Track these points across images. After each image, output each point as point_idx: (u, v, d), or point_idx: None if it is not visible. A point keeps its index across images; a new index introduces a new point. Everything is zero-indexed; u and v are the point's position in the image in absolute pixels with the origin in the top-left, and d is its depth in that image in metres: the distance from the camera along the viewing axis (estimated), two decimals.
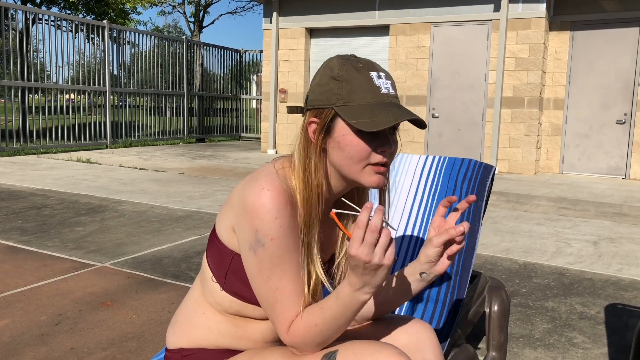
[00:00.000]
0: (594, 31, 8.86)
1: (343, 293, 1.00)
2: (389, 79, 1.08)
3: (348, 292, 0.99)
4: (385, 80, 1.07)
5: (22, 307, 2.69)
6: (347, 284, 0.99)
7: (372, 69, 1.06)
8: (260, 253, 1.03)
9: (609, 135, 8.91)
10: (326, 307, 1.02)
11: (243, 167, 8.83)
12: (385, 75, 1.07)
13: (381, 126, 1.00)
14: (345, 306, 1.00)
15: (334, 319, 1.02)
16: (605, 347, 2.46)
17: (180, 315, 1.24)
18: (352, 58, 1.08)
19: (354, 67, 1.05)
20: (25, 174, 7.27)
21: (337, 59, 1.08)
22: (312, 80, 1.11)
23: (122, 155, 10.05)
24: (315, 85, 1.08)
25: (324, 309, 1.02)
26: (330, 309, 1.02)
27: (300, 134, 1.10)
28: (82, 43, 10.94)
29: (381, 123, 1.01)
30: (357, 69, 1.05)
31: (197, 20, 25.94)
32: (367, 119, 1.02)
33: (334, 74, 1.06)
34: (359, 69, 1.05)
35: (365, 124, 1.01)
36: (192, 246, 3.93)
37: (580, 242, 4.37)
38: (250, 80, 15.92)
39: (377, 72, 1.06)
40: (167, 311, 2.71)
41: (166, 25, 40.71)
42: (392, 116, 1.02)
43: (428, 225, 1.79)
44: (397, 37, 9.77)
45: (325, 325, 1.02)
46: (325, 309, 1.02)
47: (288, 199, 1.05)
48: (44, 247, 3.78)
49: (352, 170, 1.07)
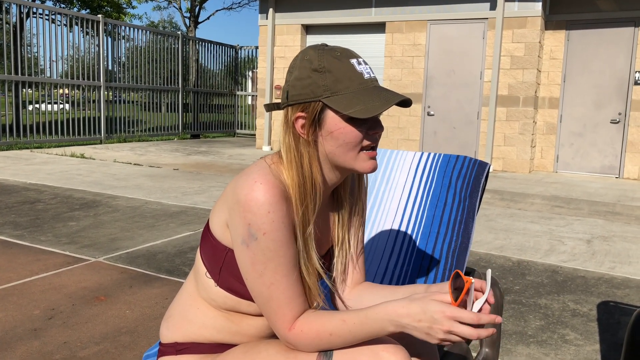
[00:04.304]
0: (589, 30, 8.88)
1: (378, 315, 0.99)
2: (367, 64, 1.09)
3: (384, 317, 0.98)
4: (365, 66, 1.07)
5: (15, 302, 2.68)
6: (393, 313, 0.98)
7: (351, 56, 1.06)
8: (253, 247, 1.03)
9: (603, 134, 8.94)
10: (348, 322, 1.01)
11: (238, 163, 8.81)
12: (363, 60, 1.08)
13: (377, 111, 1.01)
14: (370, 326, 1.00)
15: (352, 334, 1.01)
16: (597, 344, 2.47)
17: (175, 310, 1.23)
18: (327, 47, 1.07)
19: (334, 57, 1.05)
20: (19, 168, 7.24)
21: (313, 50, 1.07)
22: (289, 75, 1.09)
23: (116, 150, 10.02)
24: (295, 80, 1.06)
25: (346, 322, 1.01)
26: (353, 325, 1.01)
27: (285, 131, 1.09)
28: (76, 37, 10.88)
29: (376, 108, 1.01)
30: (337, 58, 1.05)
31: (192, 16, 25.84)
32: (360, 107, 1.02)
33: (315, 66, 1.04)
34: (338, 57, 1.05)
35: (360, 111, 1.01)
36: (187, 241, 3.92)
37: (573, 240, 4.39)
38: (246, 77, 15.89)
39: (356, 59, 1.06)
40: (160, 306, 2.71)
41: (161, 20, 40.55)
42: (384, 99, 1.02)
43: (422, 222, 1.79)
44: (393, 35, 9.76)
45: (340, 337, 1.02)
46: (347, 323, 1.01)
47: (281, 193, 1.04)
48: (37, 242, 3.76)
49: (347, 158, 1.07)
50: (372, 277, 1.75)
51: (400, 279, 1.72)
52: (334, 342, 1.03)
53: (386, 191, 1.92)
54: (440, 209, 1.79)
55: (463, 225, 1.73)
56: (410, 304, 0.97)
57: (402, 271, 1.73)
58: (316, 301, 1.12)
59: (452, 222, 1.75)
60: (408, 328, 0.97)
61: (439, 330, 0.94)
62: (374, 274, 1.76)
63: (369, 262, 1.78)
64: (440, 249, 1.72)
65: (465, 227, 1.74)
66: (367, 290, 1.26)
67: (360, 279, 1.29)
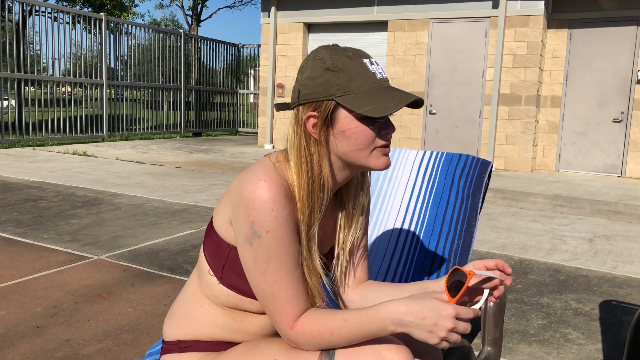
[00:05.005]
0: (591, 29, 8.86)
1: (379, 314, 0.99)
2: (378, 64, 1.09)
3: (386, 316, 0.98)
4: (377, 66, 1.08)
5: (17, 299, 2.69)
6: (395, 311, 0.98)
7: (363, 56, 1.07)
8: (256, 245, 1.03)
9: (606, 133, 8.93)
10: (349, 321, 1.01)
11: (240, 161, 8.82)
12: (375, 61, 1.09)
13: (391, 110, 1.01)
14: (372, 325, 1.00)
15: (354, 333, 1.01)
16: (599, 343, 2.47)
17: (178, 307, 1.23)
18: (339, 47, 1.07)
19: (346, 56, 1.05)
20: (21, 166, 7.25)
21: (325, 50, 1.07)
22: (300, 74, 1.09)
23: (118, 148, 10.02)
24: (307, 79, 1.06)
25: (347, 321, 1.01)
26: (354, 324, 1.01)
27: (295, 130, 1.08)
28: (79, 35, 10.88)
29: (390, 107, 1.01)
30: (350, 58, 1.05)
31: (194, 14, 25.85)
32: (374, 106, 1.02)
33: (328, 65, 1.04)
34: (351, 57, 1.05)
35: (374, 110, 1.01)
36: (189, 240, 3.93)
37: (575, 240, 4.39)
38: (248, 75, 15.89)
39: (368, 59, 1.07)
40: (162, 304, 2.71)
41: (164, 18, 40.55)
42: (398, 99, 1.03)
43: (425, 221, 1.79)
44: (395, 33, 9.75)
45: (342, 337, 1.02)
46: (348, 322, 1.01)
47: (285, 191, 1.04)
48: (40, 240, 3.77)
49: (360, 157, 1.08)
50: (375, 276, 1.75)
51: (402, 277, 1.72)
52: (336, 341, 1.03)
53: (389, 190, 1.92)
54: (443, 208, 1.79)
55: (466, 224, 1.73)
56: (412, 302, 0.97)
57: (404, 269, 1.73)
58: (318, 302, 1.12)
59: (455, 221, 1.75)
60: (411, 326, 0.97)
61: (442, 328, 0.94)
62: (376, 272, 1.76)
63: (371, 260, 1.78)
64: (443, 247, 1.72)
65: (468, 226, 1.74)
66: (371, 289, 1.26)
67: (363, 278, 1.29)
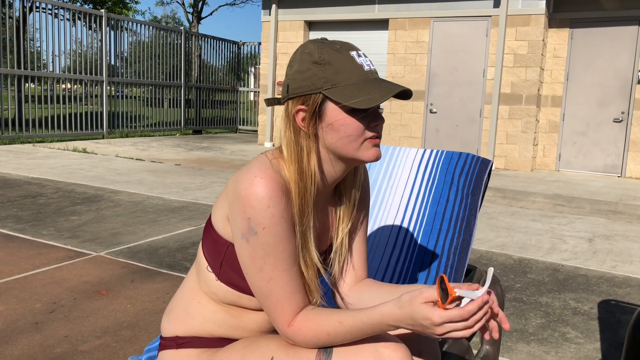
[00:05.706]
0: (593, 29, 8.86)
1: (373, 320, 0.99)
2: (366, 56, 1.09)
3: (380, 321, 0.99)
4: (365, 58, 1.07)
5: (16, 295, 2.69)
6: (387, 316, 0.98)
7: (350, 49, 1.06)
8: (252, 242, 1.03)
9: (606, 133, 8.92)
10: (345, 323, 1.01)
11: (240, 159, 8.81)
12: (362, 53, 1.08)
13: (377, 102, 1.00)
14: (367, 329, 1.00)
15: (350, 334, 1.02)
16: (598, 343, 2.47)
17: (176, 303, 1.23)
18: (327, 41, 1.07)
19: (333, 49, 1.05)
20: (21, 162, 7.24)
21: (313, 44, 1.07)
22: (289, 69, 1.09)
23: (118, 145, 10.02)
24: (295, 73, 1.07)
25: (342, 324, 1.01)
26: (350, 327, 1.01)
27: (286, 124, 1.09)
28: (79, 32, 10.88)
29: (376, 99, 1.01)
30: (337, 50, 1.05)
31: (195, 11, 25.84)
32: (361, 97, 1.02)
33: (315, 59, 1.05)
34: (338, 50, 1.05)
35: (360, 102, 1.01)
36: (188, 237, 3.93)
37: (575, 239, 4.39)
38: (248, 73, 15.89)
39: (355, 51, 1.07)
40: (162, 301, 2.71)
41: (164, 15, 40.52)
42: (384, 91, 1.02)
43: (424, 219, 1.79)
44: (396, 32, 9.74)
45: (338, 337, 1.03)
46: (344, 325, 1.01)
47: (282, 188, 1.04)
48: (39, 236, 3.77)
49: (350, 149, 1.07)
50: (374, 274, 1.75)
51: (401, 275, 1.72)
52: (333, 341, 1.04)
53: (388, 187, 1.92)
54: (443, 206, 1.79)
55: (465, 222, 1.73)
56: (400, 310, 0.96)
57: (403, 267, 1.73)
58: (315, 297, 1.12)
59: (454, 219, 1.75)
60: (406, 328, 0.98)
61: (433, 333, 0.95)
62: (375, 270, 1.76)
63: (370, 257, 1.78)
64: (442, 245, 1.72)
65: (467, 225, 1.74)
66: (367, 289, 1.26)
67: (362, 276, 1.29)
